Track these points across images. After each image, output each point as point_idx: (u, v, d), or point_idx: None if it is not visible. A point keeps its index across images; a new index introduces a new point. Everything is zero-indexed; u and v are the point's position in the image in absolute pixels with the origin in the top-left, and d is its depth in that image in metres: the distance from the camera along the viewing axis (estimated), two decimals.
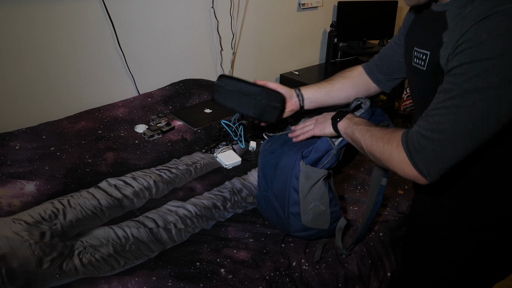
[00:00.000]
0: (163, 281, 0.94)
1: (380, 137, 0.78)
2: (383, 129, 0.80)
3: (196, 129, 1.67)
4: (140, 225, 1.11)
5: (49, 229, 1.08)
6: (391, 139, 0.75)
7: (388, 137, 0.76)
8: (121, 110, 1.75)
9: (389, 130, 0.78)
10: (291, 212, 1.02)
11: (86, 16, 1.68)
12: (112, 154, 1.46)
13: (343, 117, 0.92)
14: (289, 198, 1.01)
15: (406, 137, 0.72)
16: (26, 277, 0.93)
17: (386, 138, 0.76)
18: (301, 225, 1.03)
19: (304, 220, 1.02)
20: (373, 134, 0.80)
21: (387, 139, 0.76)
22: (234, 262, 1.02)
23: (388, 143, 0.75)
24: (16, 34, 1.53)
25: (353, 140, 0.88)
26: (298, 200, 1.00)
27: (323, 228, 1.04)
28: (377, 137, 0.79)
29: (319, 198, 1.00)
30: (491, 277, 0.93)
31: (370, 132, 0.82)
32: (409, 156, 0.70)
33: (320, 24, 2.80)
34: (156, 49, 1.98)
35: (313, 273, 1.02)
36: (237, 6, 2.22)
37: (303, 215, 1.01)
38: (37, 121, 1.62)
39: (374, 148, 0.78)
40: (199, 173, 1.39)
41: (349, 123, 0.89)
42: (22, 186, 1.25)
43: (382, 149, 0.76)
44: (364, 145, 0.82)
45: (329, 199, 1.01)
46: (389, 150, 0.74)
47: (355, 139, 0.86)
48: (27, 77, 1.62)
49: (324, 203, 1.01)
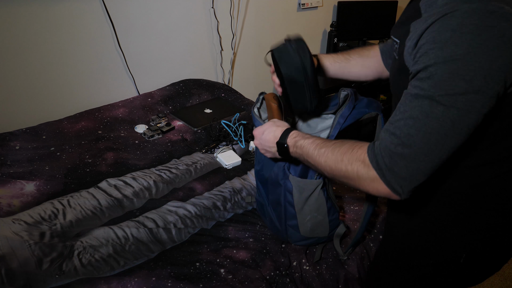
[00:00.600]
0: (163, 281, 0.94)
1: (339, 159, 0.72)
2: (336, 148, 0.73)
3: (196, 129, 1.67)
4: (140, 225, 1.11)
5: (49, 229, 1.08)
6: (353, 159, 0.69)
7: (349, 158, 0.70)
8: (121, 110, 1.75)
9: (345, 148, 0.72)
10: (289, 225, 1.02)
11: (86, 16, 1.68)
12: (112, 154, 1.45)
13: (285, 142, 0.83)
14: (286, 212, 1.00)
15: (374, 154, 0.67)
16: (26, 277, 0.93)
17: (346, 159, 0.70)
18: (300, 236, 1.03)
19: (303, 231, 1.01)
20: (328, 158, 0.73)
21: (348, 159, 0.70)
22: (234, 262, 1.02)
23: (352, 164, 0.69)
24: (16, 34, 1.53)
25: (307, 164, 0.81)
26: (295, 213, 0.99)
27: (323, 236, 1.03)
28: (334, 159, 0.72)
29: (316, 209, 0.97)
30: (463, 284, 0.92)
31: (323, 156, 0.75)
32: (381, 174, 0.65)
33: (320, 24, 2.80)
34: (156, 49, 1.98)
35: (313, 273, 1.02)
36: (237, 6, 2.22)
37: (301, 226, 1.00)
38: (37, 121, 1.62)
39: (335, 171, 0.73)
40: (199, 173, 1.39)
41: (294, 150, 0.82)
42: (22, 186, 1.25)
43: (345, 171, 0.70)
44: (323, 170, 0.77)
45: (327, 209, 0.98)
46: (355, 171, 0.69)
47: (309, 164, 0.80)
48: (27, 77, 1.62)
49: (322, 213, 0.98)
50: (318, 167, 0.77)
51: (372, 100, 0.97)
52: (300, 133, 0.83)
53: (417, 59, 0.63)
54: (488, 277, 0.91)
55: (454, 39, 0.57)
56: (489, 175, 0.75)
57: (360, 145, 0.71)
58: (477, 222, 0.80)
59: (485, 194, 0.78)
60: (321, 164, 0.75)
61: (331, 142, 0.76)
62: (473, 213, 0.80)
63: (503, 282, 1.87)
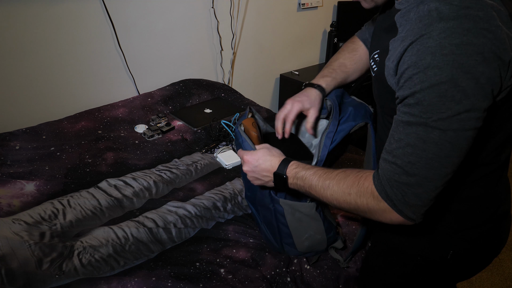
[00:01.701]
0: (163, 281, 0.94)
1: (346, 192, 0.71)
2: (341, 181, 0.72)
3: (196, 129, 1.67)
4: (140, 225, 1.11)
5: (49, 229, 1.08)
6: (361, 192, 0.69)
7: (357, 191, 0.70)
8: (121, 110, 1.75)
9: (351, 180, 0.71)
10: (285, 243, 1.00)
11: (86, 16, 1.68)
12: (112, 154, 1.45)
13: (284, 173, 0.81)
14: (280, 232, 0.98)
15: (382, 186, 0.66)
16: (26, 277, 0.93)
17: (354, 192, 0.70)
18: (297, 251, 1.02)
19: (300, 248, 1.00)
20: (334, 191, 0.72)
21: (356, 193, 0.70)
22: (234, 262, 1.02)
23: (361, 197, 0.69)
24: (16, 34, 1.53)
25: (309, 195, 0.80)
26: (290, 233, 0.97)
27: (321, 250, 1.02)
28: (341, 192, 0.71)
29: (313, 229, 0.95)
30: None
31: (329, 189, 0.73)
32: (392, 205, 0.66)
33: (320, 24, 2.80)
34: (156, 49, 1.98)
35: (314, 273, 1.02)
36: (237, 6, 2.21)
37: (298, 244, 0.99)
38: (37, 121, 1.62)
39: (343, 204, 0.72)
40: (200, 174, 1.39)
41: (294, 181, 0.80)
42: (22, 186, 1.25)
43: (355, 205, 0.70)
44: (328, 202, 0.75)
45: (324, 228, 0.95)
46: (365, 205, 0.69)
47: (311, 196, 0.79)
48: (27, 77, 1.62)
49: (320, 232, 0.96)
50: (322, 199, 0.76)
51: (359, 107, 0.93)
52: (300, 164, 0.80)
53: (402, 84, 0.63)
54: (478, 272, 0.93)
55: (435, 61, 0.57)
56: (476, 176, 0.77)
57: (365, 175, 0.70)
58: (463, 222, 0.81)
59: (471, 194, 0.79)
60: (326, 197, 0.74)
61: (334, 173, 0.74)
62: (459, 214, 0.81)
63: (503, 282, 1.87)
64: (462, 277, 0.94)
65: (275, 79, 2.71)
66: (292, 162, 0.81)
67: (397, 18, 0.69)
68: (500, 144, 0.73)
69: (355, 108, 0.92)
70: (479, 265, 0.90)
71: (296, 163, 0.81)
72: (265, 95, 2.71)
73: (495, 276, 1.90)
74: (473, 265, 0.90)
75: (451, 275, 0.89)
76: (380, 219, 0.70)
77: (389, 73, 0.68)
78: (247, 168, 0.86)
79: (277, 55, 2.63)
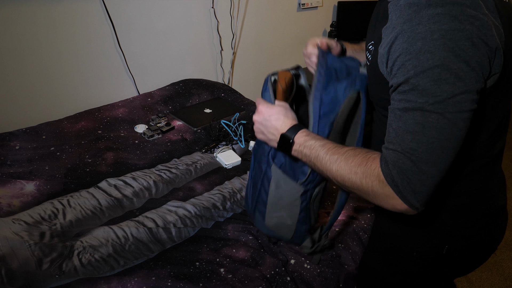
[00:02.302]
0: (163, 281, 0.94)
1: (353, 171, 0.70)
2: (350, 158, 0.71)
3: (196, 129, 1.67)
4: (140, 225, 1.11)
5: (49, 229, 1.08)
6: (368, 173, 0.68)
7: (363, 171, 0.68)
8: (121, 110, 1.75)
9: (359, 159, 0.70)
10: (258, 209, 0.98)
11: (86, 16, 1.68)
12: (112, 154, 1.45)
13: (292, 137, 0.79)
14: (259, 196, 0.96)
15: (389, 169, 0.65)
16: (26, 277, 0.93)
17: (360, 172, 0.69)
18: (264, 224, 1.00)
19: (268, 222, 0.98)
20: (340, 167, 0.71)
21: (363, 173, 0.68)
22: (234, 261, 1.02)
23: (366, 178, 0.68)
24: (16, 34, 1.53)
25: (313, 166, 0.79)
26: (266, 202, 0.95)
27: (285, 238, 1.01)
28: (348, 170, 0.70)
29: (286, 210, 0.93)
30: None
31: (335, 163, 0.72)
32: (397, 191, 0.65)
33: (320, 24, 2.80)
34: (156, 49, 1.98)
35: (314, 272, 1.02)
36: (237, 6, 2.22)
37: (267, 217, 0.97)
38: (37, 121, 1.62)
39: (347, 182, 0.71)
40: (199, 173, 1.39)
41: (300, 148, 0.78)
42: (22, 186, 1.25)
43: (359, 185, 0.69)
44: (331, 177, 0.74)
45: (298, 217, 0.93)
46: (369, 186, 0.68)
47: (315, 167, 0.78)
48: (27, 77, 1.62)
49: (292, 219, 0.94)
50: (325, 173, 0.75)
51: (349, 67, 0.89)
52: (310, 133, 0.79)
53: (395, 72, 0.63)
54: (476, 267, 0.93)
55: (427, 46, 0.59)
56: (470, 170, 0.77)
57: (373, 156, 0.69)
58: (458, 217, 0.81)
59: (466, 189, 0.79)
60: (331, 171, 0.73)
61: (343, 149, 0.73)
62: (454, 209, 0.81)
63: (503, 282, 1.87)
64: (459, 273, 0.94)
65: None
66: (303, 130, 0.80)
67: (389, 6, 0.70)
68: (491, 134, 0.74)
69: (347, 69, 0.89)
70: (476, 260, 0.90)
71: (306, 131, 0.80)
72: None
73: (495, 276, 1.90)
74: (470, 261, 0.90)
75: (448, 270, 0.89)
76: (382, 204, 0.69)
77: (381, 60, 0.68)
78: (258, 118, 0.85)
79: (277, 55, 2.63)
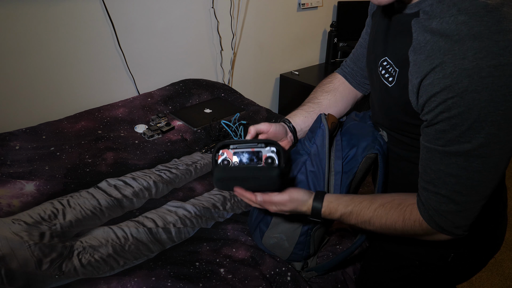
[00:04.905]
0: (163, 281, 0.94)
1: (391, 227, 0.70)
2: (383, 217, 0.71)
3: (196, 129, 1.67)
4: (140, 225, 1.11)
5: (49, 229, 1.08)
6: (409, 226, 0.69)
7: (403, 225, 0.69)
8: (121, 110, 1.75)
9: (396, 215, 0.70)
10: (260, 227, 1.01)
11: (86, 16, 1.68)
12: (112, 154, 1.45)
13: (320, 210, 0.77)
14: (265, 215, 0.99)
15: (430, 215, 0.66)
16: (26, 278, 0.93)
17: (400, 227, 0.69)
18: (261, 242, 1.02)
19: (265, 241, 1.01)
20: (376, 228, 0.72)
21: (403, 227, 0.69)
22: (234, 261, 1.02)
23: (409, 230, 0.69)
24: (16, 34, 1.53)
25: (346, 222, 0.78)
26: (269, 223, 0.97)
27: (281, 257, 1.02)
28: (386, 228, 0.71)
29: (287, 234, 0.95)
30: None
31: (369, 226, 0.73)
32: (441, 230, 0.66)
33: (320, 24, 2.80)
34: (156, 49, 1.98)
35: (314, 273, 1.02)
36: (237, 6, 2.22)
37: (266, 237, 1.00)
38: (37, 121, 1.62)
39: (387, 233, 0.73)
40: (199, 173, 1.39)
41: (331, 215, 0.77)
42: (21, 186, 1.25)
43: (401, 234, 0.71)
44: (369, 231, 0.75)
45: (297, 242, 0.95)
46: (412, 234, 0.70)
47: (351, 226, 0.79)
48: (27, 77, 1.62)
49: (290, 242, 0.96)
50: (362, 228, 0.75)
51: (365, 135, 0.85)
52: (329, 204, 0.76)
53: (432, 107, 0.59)
54: (477, 273, 0.92)
55: (474, 85, 0.54)
56: None
57: (410, 207, 0.69)
58: None
59: None
60: (368, 231, 0.75)
61: (372, 207, 0.72)
62: None
63: (503, 282, 1.87)
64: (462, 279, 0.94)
65: (275, 79, 2.71)
66: (324, 207, 0.77)
67: (413, 24, 0.64)
68: None
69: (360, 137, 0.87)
70: (478, 266, 0.90)
71: (326, 205, 0.77)
72: (265, 95, 2.71)
73: (495, 276, 1.90)
74: (474, 266, 0.89)
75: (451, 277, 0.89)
76: (426, 239, 0.70)
77: (411, 90, 0.64)
78: (275, 208, 0.79)
79: (277, 55, 2.63)
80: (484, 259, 0.89)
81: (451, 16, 0.58)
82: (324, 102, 0.98)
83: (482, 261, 0.89)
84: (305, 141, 0.90)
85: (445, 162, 0.61)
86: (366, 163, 0.85)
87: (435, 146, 0.62)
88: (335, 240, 1.11)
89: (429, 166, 0.64)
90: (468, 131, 0.57)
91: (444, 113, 0.58)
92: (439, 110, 0.58)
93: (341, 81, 1.01)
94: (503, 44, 0.53)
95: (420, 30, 0.63)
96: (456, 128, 0.58)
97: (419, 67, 0.61)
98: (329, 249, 1.08)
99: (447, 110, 0.57)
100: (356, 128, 0.89)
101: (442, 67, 0.57)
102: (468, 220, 0.65)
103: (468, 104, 0.55)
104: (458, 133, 0.58)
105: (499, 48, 0.53)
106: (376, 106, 0.83)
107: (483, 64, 0.53)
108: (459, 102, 0.56)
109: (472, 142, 0.57)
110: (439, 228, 0.66)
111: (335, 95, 0.99)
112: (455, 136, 0.58)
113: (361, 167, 0.85)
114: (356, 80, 0.99)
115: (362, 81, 0.99)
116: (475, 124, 0.56)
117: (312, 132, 0.88)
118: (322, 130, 0.85)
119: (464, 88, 0.55)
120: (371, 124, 0.89)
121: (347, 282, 1.04)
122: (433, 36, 0.60)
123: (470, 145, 0.57)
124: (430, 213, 0.65)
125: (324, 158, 0.85)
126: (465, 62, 0.54)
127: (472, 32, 0.55)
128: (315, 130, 0.87)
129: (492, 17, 0.55)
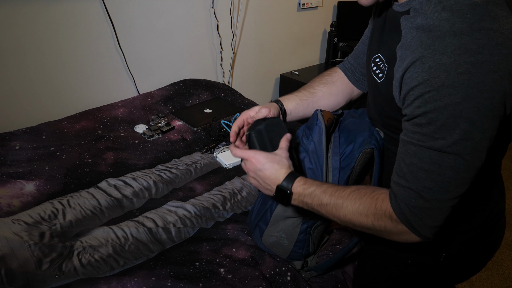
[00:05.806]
0: (163, 281, 0.94)
1: (363, 214, 0.69)
2: (356, 201, 0.70)
3: (196, 129, 1.67)
4: (140, 225, 1.11)
5: (49, 229, 1.08)
6: (379, 215, 0.68)
7: (374, 213, 0.68)
8: (121, 110, 1.75)
9: (366, 202, 0.69)
10: (259, 226, 1.01)
11: (86, 16, 1.68)
12: (112, 154, 1.45)
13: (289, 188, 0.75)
14: (265, 215, 0.98)
15: (401, 208, 0.65)
16: (26, 278, 0.93)
17: (371, 214, 0.68)
18: (260, 241, 1.03)
19: (265, 240, 1.01)
20: (348, 211, 0.70)
21: (374, 215, 0.68)
22: (234, 261, 1.02)
23: (378, 220, 0.68)
24: (16, 34, 1.53)
25: (317, 213, 0.76)
26: (269, 221, 0.97)
27: (280, 256, 1.02)
28: (357, 214, 0.69)
29: (286, 232, 0.95)
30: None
31: (342, 209, 0.71)
32: (410, 227, 0.65)
33: (320, 24, 2.80)
34: (156, 49, 1.98)
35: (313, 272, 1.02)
36: (237, 6, 2.22)
37: (265, 235, 1.00)
38: (37, 121, 1.62)
39: (358, 226, 0.71)
40: (199, 173, 1.39)
41: (300, 198, 0.76)
42: (21, 186, 1.25)
43: (371, 226, 0.69)
44: (339, 222, 0.73)
45: (296, 240, 0.95)
46: (382, 226, 0.68)
47: (320, 214, 0.75)
48: (27, 77, 1.62)
49: (289, 240, 0.96)
50: (332, 218, 0.74)
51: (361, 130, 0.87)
52: (308, 180, 0.76)
53: (411, 101, 0.60)
54: (475, 273, 0.92)
55: (450, 81, 0.54)
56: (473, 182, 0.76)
57: (382, 197, 0.68)
58: (457, 226, 0.80)
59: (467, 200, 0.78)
60: (338, 217, 0.72)
61: (346, 191, 0.72)
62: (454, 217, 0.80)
63: (503, 282, 1.87)
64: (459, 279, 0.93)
65: (275, 79, 2.71)
66: (299, 178, 0.76)
67: (402, 21, 0.65)
68: (497, 150, 0.73)
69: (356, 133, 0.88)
70: (476, 265, 0.89)
71: (304, 178, 0.76)
72: (265, 95, 2.71)
73: (495, 276, 1.90)
74: (469, 266, 0.89)
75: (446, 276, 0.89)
76: (395, 239, 0.69)
77: (395, 84, 0.65)
78: (250, 167, 0.79)
79: (277, 55, 2.63)
80: (482, 259, 0.88)
81: (435, 13, 0.58)
82: (319, 93, 0.99)
83: (480, 261, 0.89)
84: (302, 139, 0.91)
85: (418, 156, 0.61)
86: (363, 158, 0.85)
87: (411, 140, 0.62)
88: (335, 239, 1.11)
89: (403, 159, 0.64)
90: (443, 127, 0.57)
91: (421, 108, 0.58)
92: (417, 104, 0.59)
93: (340, 76, 1.02)
94: (482, 42, 0.54)
95: (408, 27, 0.63)
96: (431, 123, 0.58)
97: (403, 61, 0.61)
98: (329, 249, 1.08)
99: (423, 105, 0.58)
100: (354, 124, 0.90)
101: (422, 61, 0.57)
102: (435, 221, 0.63)
103: (444, 99, 0.55)
104: (433, 128, 0.58)
105: (478, 46, 0.54)
106: (370, 103, 0.84)
107: (461, 60, 0.54)
108: (435, 96, 0.56)
109: (446, 139, 0.57)
110: (407, 224, 0.65)
111: (330, 88, 1.00)
112: (430, 131, 0.58)
113: (358, 162, 0.85)
114: (355, 76, 1.00)
115: (360, 78, 1.00)
116: (450, 119, 0.56)
117: (309, 129, 0.89)
118: (319, 127, 0.86)
119: (441, 83, 0.55)
120: (368, 120, 0.89)
121: (347, 282, 1.04)
122: (417, 31, 0.60)
123: (444, 141, 0.57)
124: (401, 205, 0.65)
125: (322, 155, 0.85)
126: (444, 57, 0.55)
127: (453, 29, 0.55)
128: (312, 127, 0.88)
129: (475, 14, 0.55)
